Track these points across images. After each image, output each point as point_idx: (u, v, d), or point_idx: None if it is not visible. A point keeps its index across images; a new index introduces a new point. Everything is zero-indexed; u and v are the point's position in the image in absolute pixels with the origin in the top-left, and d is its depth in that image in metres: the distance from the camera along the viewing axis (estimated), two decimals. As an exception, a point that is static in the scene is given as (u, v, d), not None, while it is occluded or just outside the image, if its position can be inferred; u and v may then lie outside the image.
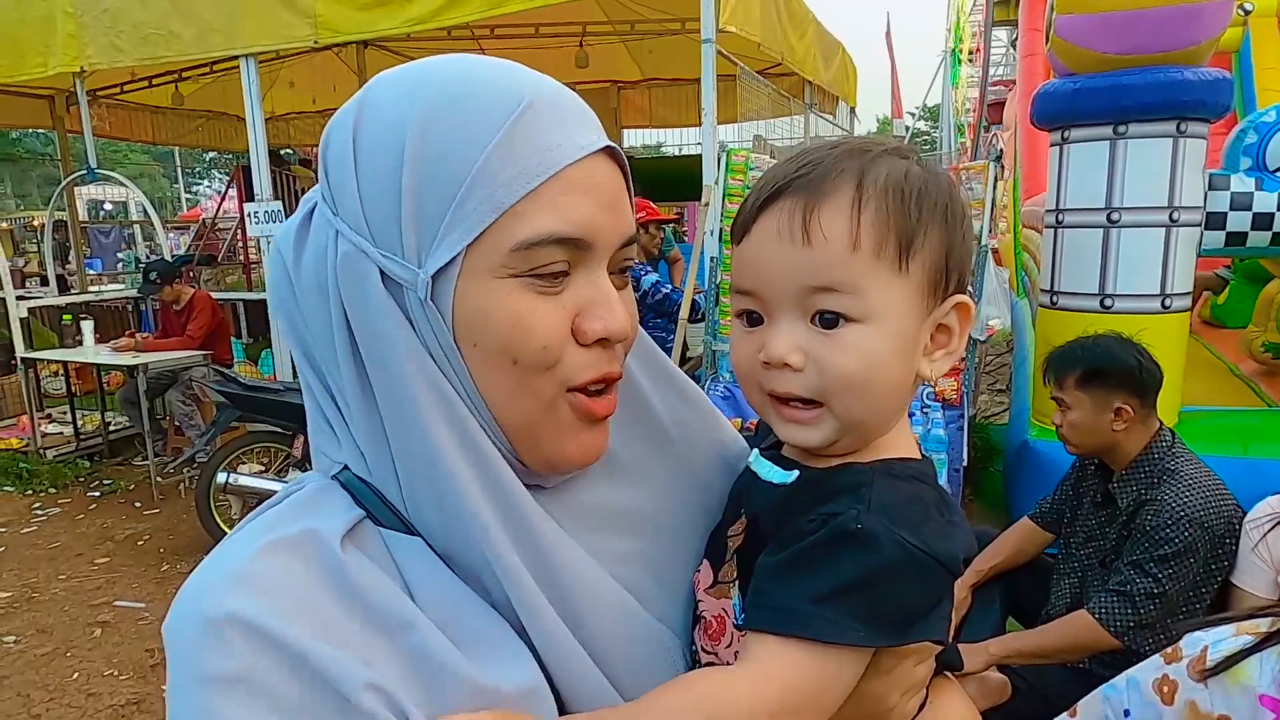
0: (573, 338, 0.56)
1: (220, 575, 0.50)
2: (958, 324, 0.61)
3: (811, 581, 0.53)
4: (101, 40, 5.79)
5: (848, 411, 0.58)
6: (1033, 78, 7.44)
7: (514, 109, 0.53)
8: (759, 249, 0.59)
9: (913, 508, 0.56)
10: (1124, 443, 2.01)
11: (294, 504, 0.57)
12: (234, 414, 4.49)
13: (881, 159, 0.59)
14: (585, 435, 0.59)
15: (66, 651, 3.61)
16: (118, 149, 21.94)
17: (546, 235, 0.53)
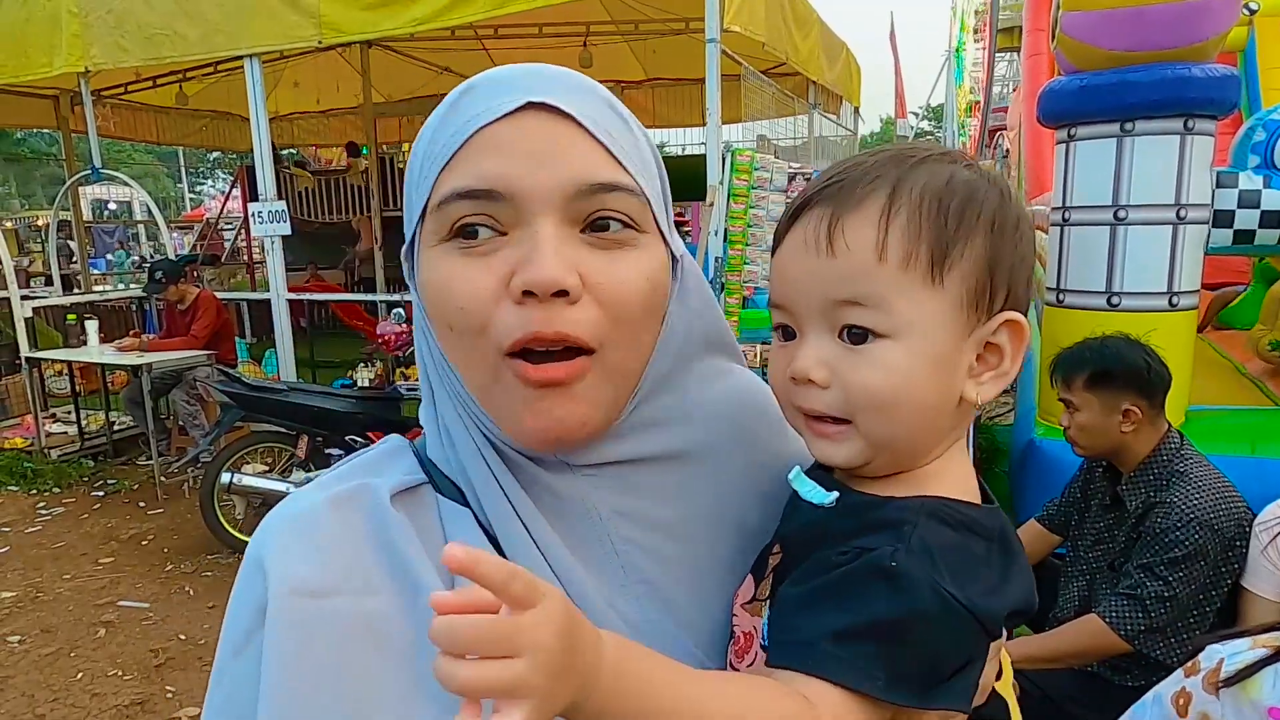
0: (508, 298, 0.54)
1: (280, 517, 0.57)
2: (1009, 344, 0.57)
3: (834, 617, 0.50)
4: (106, 40, 5.80)
5: (875, 431, 0.55)
6: (1037, 77, 7.42)
7: (461, 90, 0.57)
8: (788, 261, 0.58)
9: (957, 556, 0.52)
10: (1132, 444, 1.99)
11: (366, 460, 0.64)
12: (238, 414, 4.50)
13: (924, 165, 0.56)
14: (541, 404, 0.55)
15: (71, 651, 3.62)
16: (122, 149, 21.99)
17: (450, 192, 0.54)
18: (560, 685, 0.41)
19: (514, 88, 0.55)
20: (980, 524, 0.55)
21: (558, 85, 0.56)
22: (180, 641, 3.68)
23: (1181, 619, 1.88)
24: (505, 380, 0.55)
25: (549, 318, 0.53)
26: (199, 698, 3.24)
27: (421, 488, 0.61)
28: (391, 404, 4.83)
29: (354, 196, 10.93)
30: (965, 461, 0.60)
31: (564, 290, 0.52)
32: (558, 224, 0.54)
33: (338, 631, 0.52)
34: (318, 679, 0.50)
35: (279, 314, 5.93)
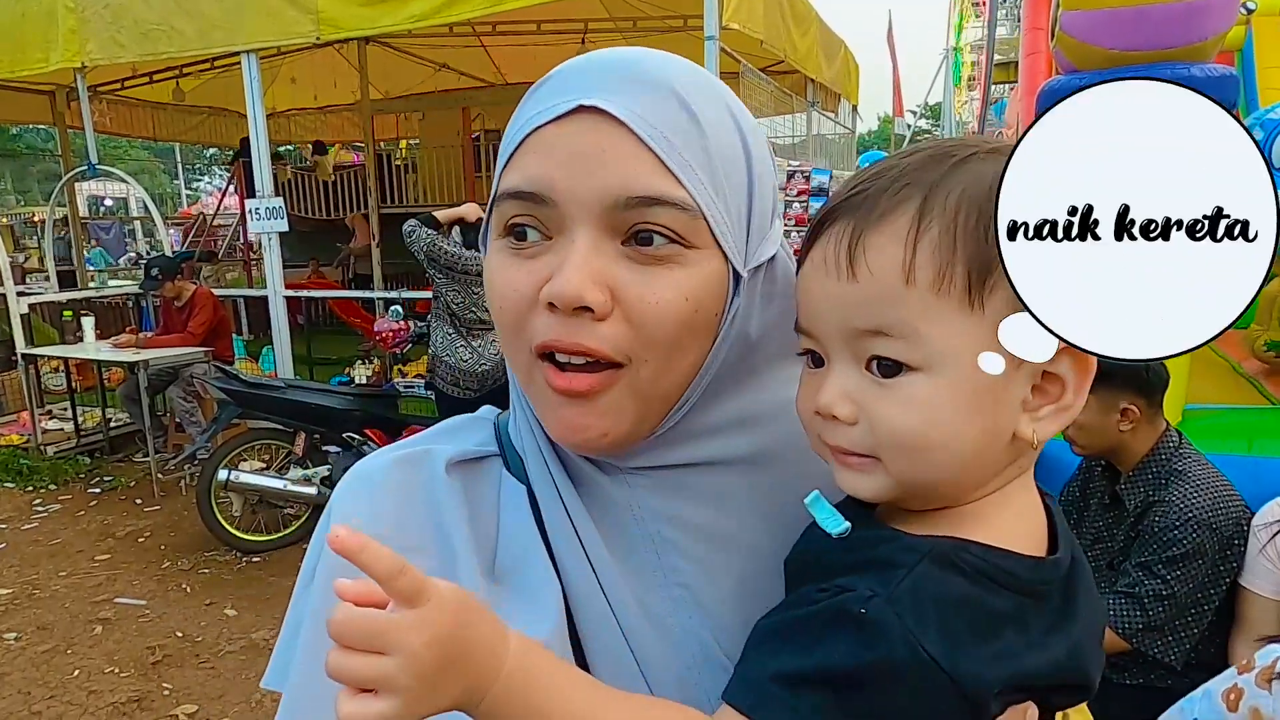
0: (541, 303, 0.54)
1: (353, 472, 0.62)
2: (1072, 374, 0.49)
3: (786, 657, 0.47)
4: (103, 36, 5.78)
5: (904, 472, 0.49)
6: (1035, 76, 7.42)
7: (535, 87, 0.56)
8: (809, 283, 0.53)
9: (961, 611, 0.46)
10: (1131, 443, 2.00)
11: (446, 426, 0.67)
12: (235, 411, 4.49)
13: (965, 166, 0.49)
14: (563, 411, 0.55)
15: (67, 649, 3.61)
16: (118, 145, 21.91)
17: (502, 191, 0.54)
18: (434, 687, 0.42)
19: (573, 86, 0.53)
20: (1013, 576, 0.48)
21: (620, 83, 0.53)
22: (177, 639, 3.67)
23: (1180, 617, 1.88)
24: (537, 380, 0.56)
25: (570, 329, 0.52)
26: (196, 695, 3.24)
27: (489, 459, 0.63)
28: (389, 401, 4.84)
29: (355, 193, 10.91)
30: (1026, 500, 0.53)
31: (587, 306, 0.51)
32: (597, 234, 0.52)
33: None
34: None
35: (276, 311, 5.92)
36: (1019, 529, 0.52)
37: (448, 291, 4.00)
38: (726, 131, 0.56)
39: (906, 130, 20.67)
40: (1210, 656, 1.94)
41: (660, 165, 0.52)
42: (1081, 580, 0.53)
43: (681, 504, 0.59)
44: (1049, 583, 0.50)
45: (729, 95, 0.58)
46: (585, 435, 0.55)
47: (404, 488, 0.60)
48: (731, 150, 0.56)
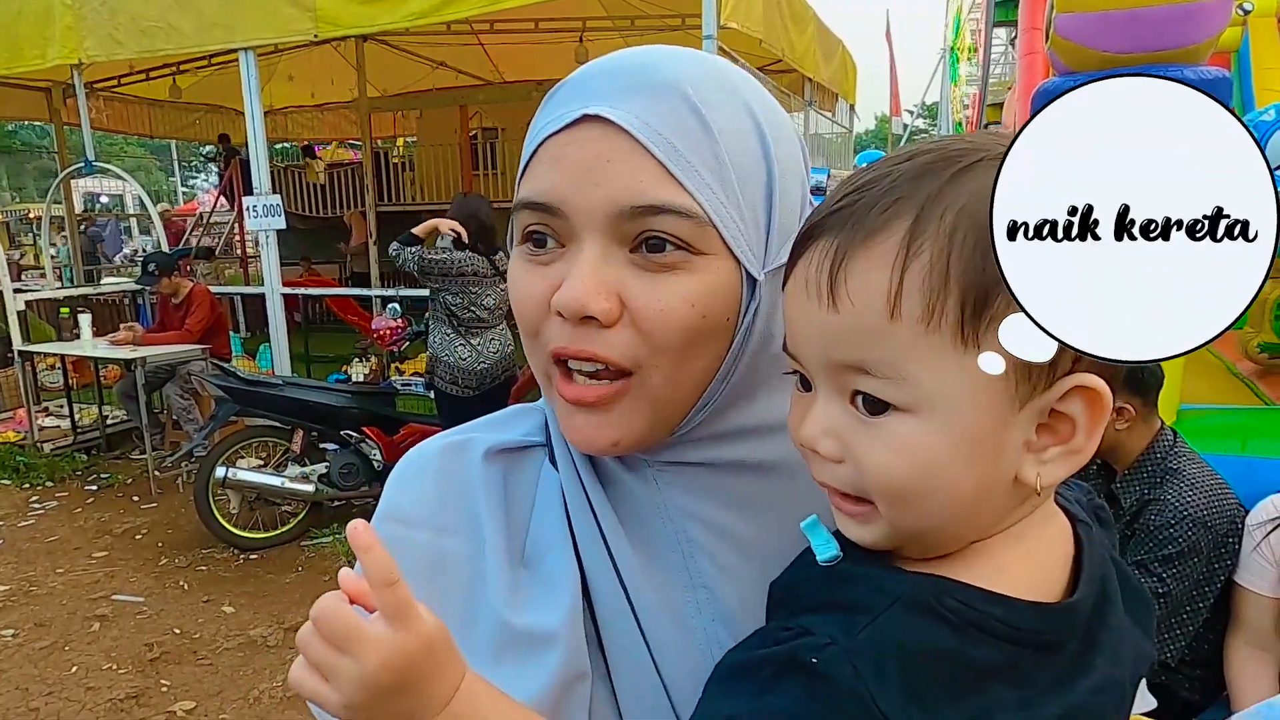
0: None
1: (406, 455, 0.65)
2: (1084, 415, 0.43)
3: (741, 700, 0.45)
4: (100, 33, 5.77)
5: (900, 521, 0.45)
6: (1032, 76, 7.44)
7: (550, 93, 0.57)
8: (790, 305, 0.48)
9: (933, 665, 0.42)
10: (1126, 442, 2.02)
11: (500, 415, 0.69)
12: (233, 409, 4.49)
13: (969, 173, 0.43)
14: (575, 419, 0.56)
15: (65, 645, 3.61)
16: (114, 142, 21.85)
17: (520, 199, 0.56)
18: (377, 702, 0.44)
19: (581, 94, 0.54)
20: (1006, 624, 0.43)
21: (627, 89, 0.53)
22: (175, 636, 3.67)
23: (1175, 615, 1.90)
24: (553, 385, 0.57)
25: (578, 337, 0.53)
26: (195, 691, 3.24)
27: (534, 449, 0.65)
28: (386, 398, 4.84)
29: (352, 191, 10.89)
30: (1042, 534, 0.48)
31: (593, 317, 0.52)
32: (604, 244, 0.52)
33: (413, 558, 0.57)
34: None
35: (274, 308, 5.92)
36: (1025, 569, 0.47)
37: (444, 294, 4.04)
38: (742, 133, 0.54)
39: (903, 130, 20.70)
40: (1205, 653, 1.96)
41: (665, 173, 0.51)
42: (1104, 629, 0.48)
43: (707, 504, 0.59)
44: (1055, 632, 0.45)
45: (752, 94, 0.56)
46: (597, 444, 0.57)
47: (446, 473, 0.62)
48: (747, 152, 0.54)
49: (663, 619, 0.56)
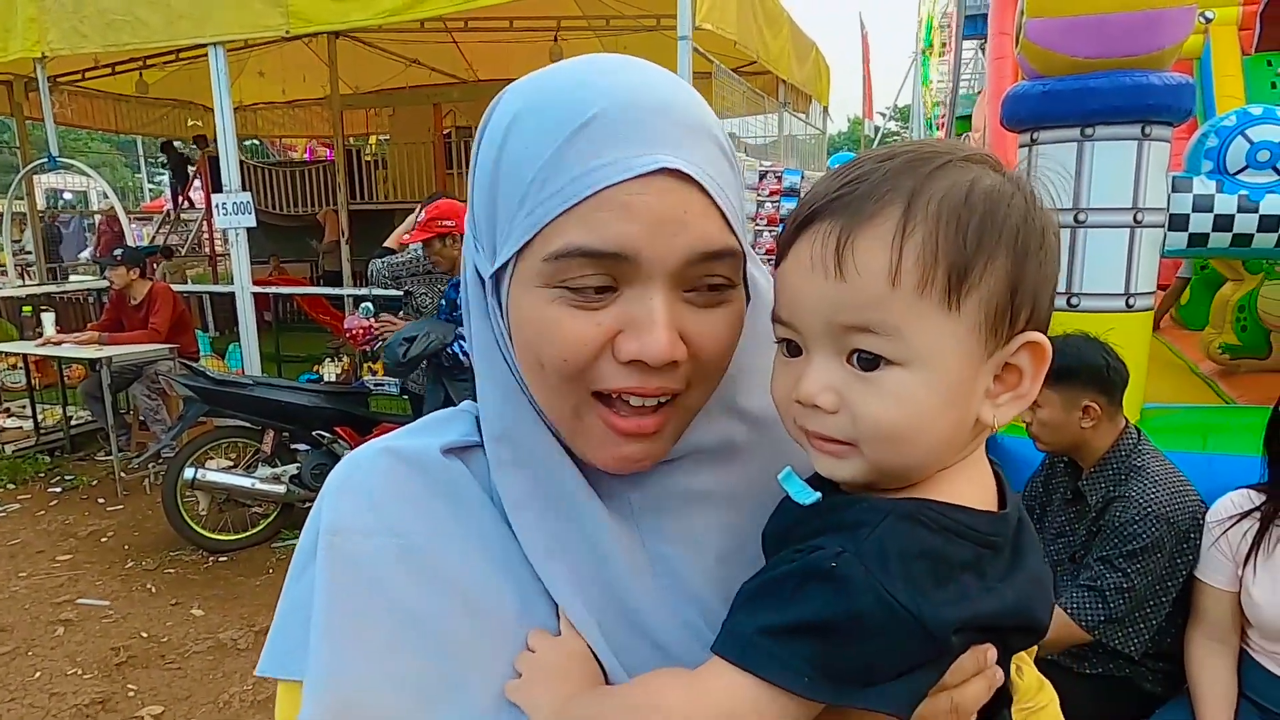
0: (612, 353, 0.55)
1: (340, 465, 0.63)
2: (1030, 365, 0.54)
3: (769, 613, 0.50)
4: (64, 25, 5.65)
5: (881, 459, 0.53)
6: (1001, 80, 7.55)
7: (574, 124, 0.54)
8: (793, 279, 0.54)
9: (924, 561, 0.50)
10: (1092, 440, 2.05)
11: (429, 421, 0.68)
12: (202, 409, 4.42)
13: (944, 172, 0.52)
14: (622, 448, 0.58)
15: (28, 650, 3.54)
16: (78, 137, 21.43)
17: (574, 249, 0.53)
18: None
19: (645, 139, 0.54)
20: (973, 529, 0.53)
21: (681, 134, 0.55)
22: (142, 639, 3.61)
23: (1139, 609, 1.94)
24: (587, 420, 0.57)
25: (649, 379, 0.55)
26: (162, 696, 3.19)
27: (473, 449, 0.65)
28: (359, 398, 4.79)
29: (324, 189, 10.77)
30: (979, 465, 0.57)
31: (675, 361, 0.55)
32: (669, 288, 0.55)
33: (376, 566, 0.57)
34: (357, 607, 0.56)
35: (244, 307, 5.84)
36: (974, 491, 0.56)
37: (416, 296, 4.07)
38: (735, 159, 0.60)
39: (874, 133, 20.89)
40: (1167, 647, 2.01)
41: (724, 220, 0.56)
42: (1027, 535, 0.57)
43: (668, 492, 0.63)
44: (1001, 535, 0.54)
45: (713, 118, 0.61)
46: (640, 465, 0.59)
47: (396, 477, 0.61)
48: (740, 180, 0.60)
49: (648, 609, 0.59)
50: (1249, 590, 1.85)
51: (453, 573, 0.58)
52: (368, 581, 0.57)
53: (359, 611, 0.56)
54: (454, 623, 0.57)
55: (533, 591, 0.60)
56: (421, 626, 0.56)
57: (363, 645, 0.55)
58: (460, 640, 0.57)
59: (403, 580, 0.57)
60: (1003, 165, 0.55)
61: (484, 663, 0.57)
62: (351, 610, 0.56)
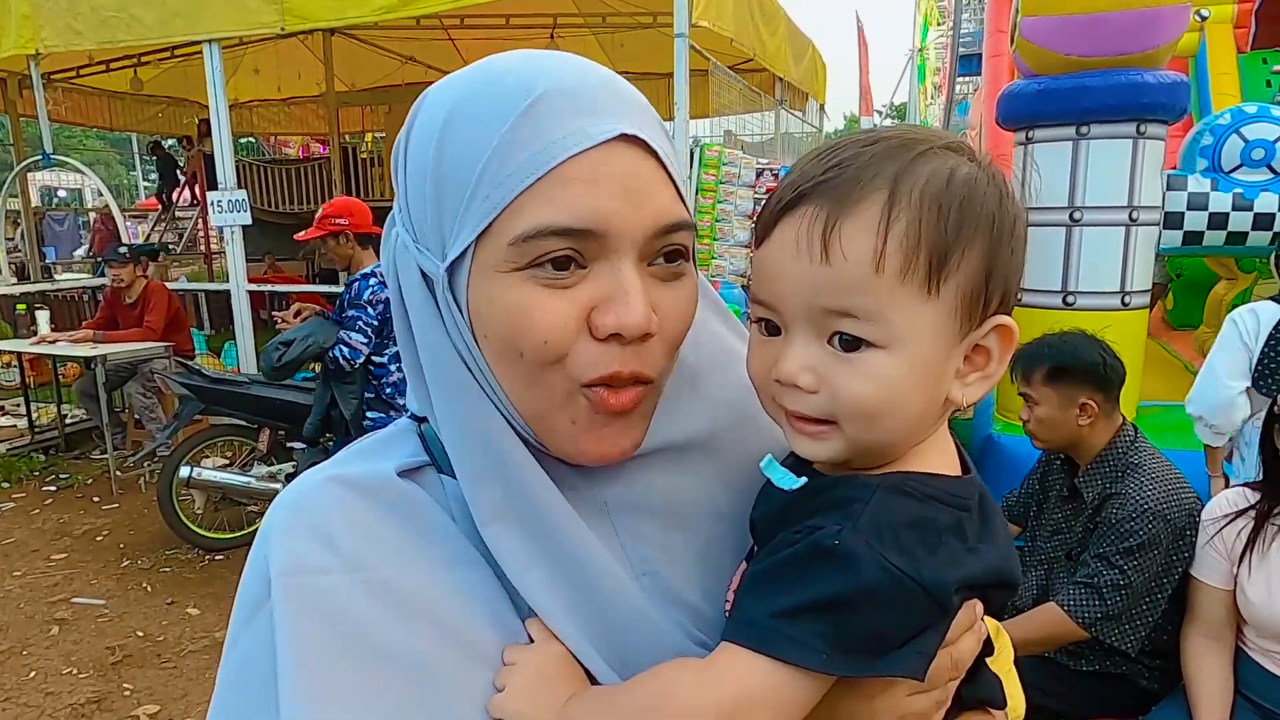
0: (589, 332, 0.54)
1: (287, 496, 0.59)
2: (998, 346, 0.56)
3: (779, 597, 0.51)
4: (58, 22, 5.63)
5: (860, 436, 0.54)
6: (998, 79, 7.55)
7: (521, 103, 0.53)
8: (776, 260, 0.55)
9: (912, 529, 0.52)
10: (1089, 437, 2.06)
11: (372, 442, 0.65)
12: (197, 407, 4.41)
13: (924, 159, 0.53)
14: (607, 431, 0.57)
15: (23, 650, 3.53)
16: (73, 134, 21.35)
17: (543, 227, 0.52)
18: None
19: (596, 110, 0.53)
20: (951, 494, 0.55)
21: (632, 109, 0.55)
22: (138, 639, 3.61)
23: (1135, 606, 1.95)
24: (575, 407, 0.56)
25: (627, 357, 0.54)
26: (158, 695, 3.19)
27: (425, 469, 0.62)
28: (355, 397, 4.78)
29: (319, 186, 10.74)
30: (945, 436, 0.60)
31: (650, 333, 0.54)
32: (636, 261, 0.54)
33: (342, 604, 0.53)
34: (329, 652, 0.52)
35: (239, 305, 5.83)
36: (944, 461, 0.58)
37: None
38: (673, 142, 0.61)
39: (872, 130, 20.85)
40: (1163, 644, 2.01)
41: (675, 190, 0.57)
42: (988, 498, 0.59)
43: (639, 489, 0.62)
44: (971, 497, 0.56)
45: None
46: (622, 449, 0.58)
47: (351, 507, 0.57)
48: None
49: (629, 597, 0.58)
50: (1244, 588, 1.86)
51: (424, 602, 0.55)
52: (336, 622, 0.52)
53: (331, 656, 0.52)
54: (432, 653, 0.54)
55: (508, 611, 0.58)
56: (400, 663, 0.53)
57: (341, 692, 0.51)
58: (441, 671, 0.54)
59: (373, 616, 0.53)
60: (977, 154, 0.56)
61: (469, 689, 0.55)
62: (323, 656, 0.52)
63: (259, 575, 0.56)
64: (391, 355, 3.73)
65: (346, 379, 3.75)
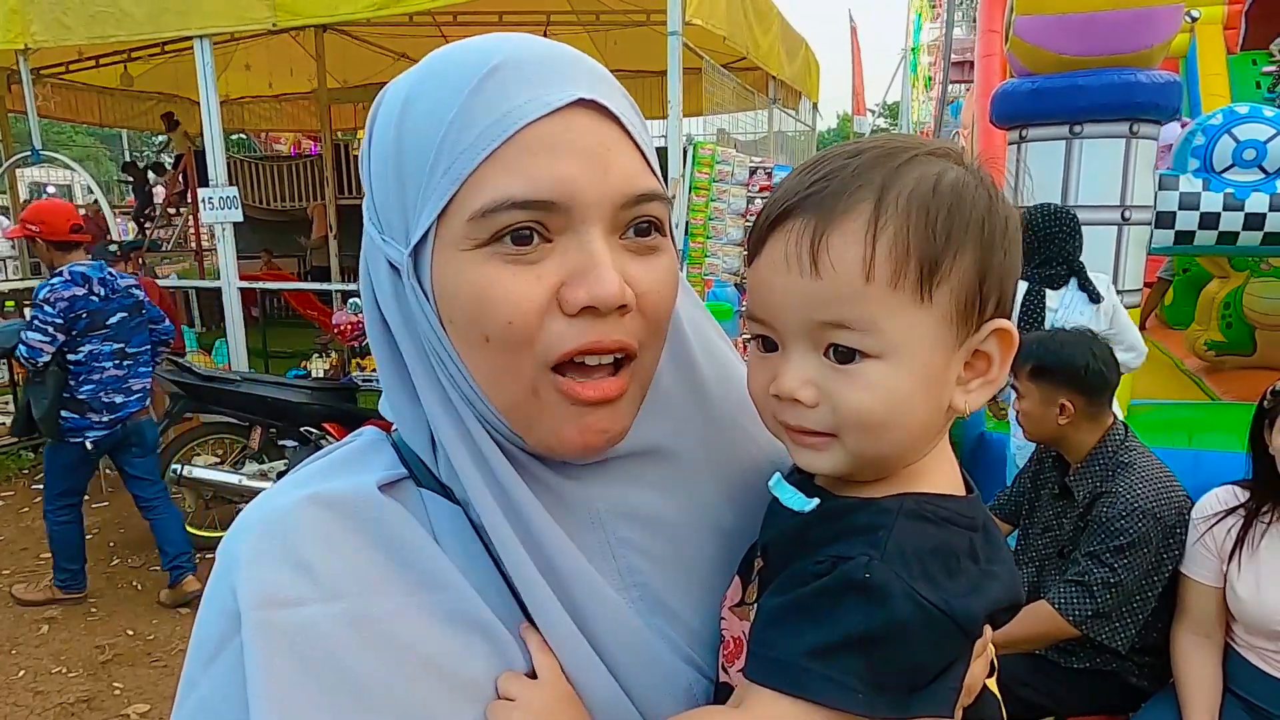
0: (559, 309, 0.51)
1: (253, 519, 0.54)
2: (998, 351, 0.55)
3: (811, 633, 0.49)
4: (47, 17, 5.59)
5: (862, 448, 0.53)
6: (990, 78, 7.58)
7: (478, 75, 0.51)
8: (768, 276, 0.54)
9: (937, 556, 0.50)
10: (1072, 436, 2.07)
11: (343, 455, 0.61)
12: (188, 405, 4.39)
13: (911, 165, 0.52)
14: (586, 419, 0.54)
15: (12, 649, 3.51)
16: (62, 130, 21.21)
17: (503, 200, 0.49)
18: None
19: (555, 77, 0.52)
20: (963, 516, 0.54)
21: (593, 78, 0.53)
22: (128, 637, 3.59)
23: (1126, 604, 1.95)
24: (546, 396, 0.53)
25: (606, 330, 0.52)
26: (148, 694, 3.17)
27: (403, 483, 0.58)
28: (347, 394, 4.77)
29: (311, 183, 10.70)
30: (947, 453, 0.59)
31: (624, 305, 0.52)
32: (605, 233, 0.52)
33: (323, 639, 0.49)
34: (309, 693, 0.48)
35: (230, 302, 5.80)
36: (952, 478, 0.57)
37: None
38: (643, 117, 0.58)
39: (866, 129, 20.93)
40: (1153, 641, 2.02)
41: (645, 162, 0.55)
42: (988, 512, 0.58)
43: (631, 495, 0.60)
44: (980, 515, 0.56)
45: None
46: (608, 438, 0.55)
47: (331, 530, 0.53)
48: None
49: (609, 618, 0.56)
50: (1233, 586, 1.87)
51: (409, 634, 0.51)
52: (315, 659, 0.48)
53: (311, 697, 0.48)
54: (419, 690, 0.50)
55: (499, 637, 0.54)
56: (385, 701, 0.49)
57: None
58: (427, 710, 0.50)
59: (355, 651, 0.49)
60: (965, 158, 0.56)
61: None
62: (302, 697, 0.48)
63: (221, 610, 0.51)
64: (89, 354, 3.66)
65: (37, 379, 3.67)
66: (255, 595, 0.49)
